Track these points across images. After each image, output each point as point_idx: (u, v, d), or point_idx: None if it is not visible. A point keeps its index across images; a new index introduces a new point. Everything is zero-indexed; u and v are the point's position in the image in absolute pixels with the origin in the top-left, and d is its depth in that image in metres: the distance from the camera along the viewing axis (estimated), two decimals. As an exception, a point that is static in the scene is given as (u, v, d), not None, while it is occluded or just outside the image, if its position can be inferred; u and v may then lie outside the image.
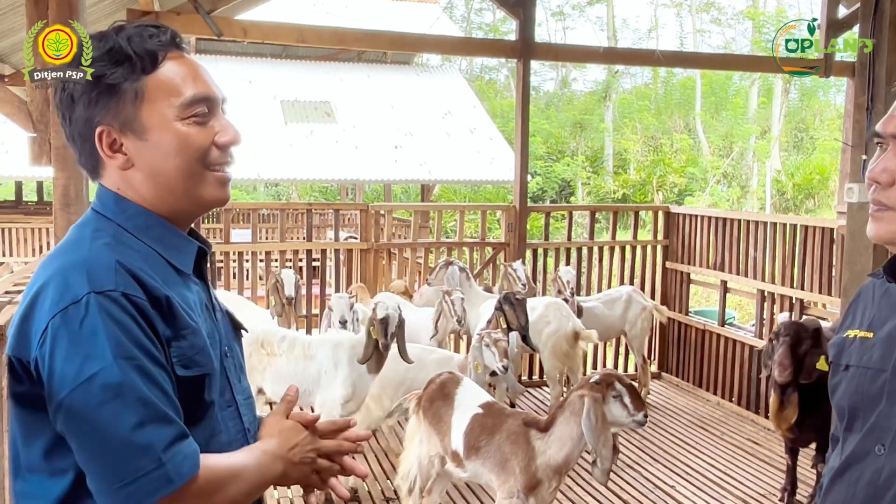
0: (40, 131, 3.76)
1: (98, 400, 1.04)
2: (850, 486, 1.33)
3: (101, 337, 1.06)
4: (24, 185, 17.22)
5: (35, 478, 1.14)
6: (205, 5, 5.40)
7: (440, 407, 3.73)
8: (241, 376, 1.33)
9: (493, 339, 4.33)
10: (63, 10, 3.61)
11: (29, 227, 12.04)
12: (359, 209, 6.80)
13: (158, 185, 1.22)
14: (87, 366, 1.05)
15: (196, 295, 1.26)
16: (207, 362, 1.20)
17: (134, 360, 1.07)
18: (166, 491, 1.06)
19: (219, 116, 1.26)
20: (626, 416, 3.22)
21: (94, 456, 1.06)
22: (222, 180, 1.26)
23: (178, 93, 1.20)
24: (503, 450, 3.42)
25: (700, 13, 31.50)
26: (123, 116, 1.19)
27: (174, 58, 1.23)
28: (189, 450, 1.10)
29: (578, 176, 25.00)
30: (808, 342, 4.18)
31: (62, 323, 1.07)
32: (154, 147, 1.20)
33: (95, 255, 1.14)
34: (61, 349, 1.06)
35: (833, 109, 27.28)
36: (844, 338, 1.43)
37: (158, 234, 1.23)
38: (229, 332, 1.35)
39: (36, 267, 3.55)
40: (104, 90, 1.19)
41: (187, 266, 1.26)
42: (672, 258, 7.24)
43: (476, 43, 15.41)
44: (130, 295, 1.10)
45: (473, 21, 32.00)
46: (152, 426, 1.06)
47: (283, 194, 25.13)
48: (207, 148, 1.23)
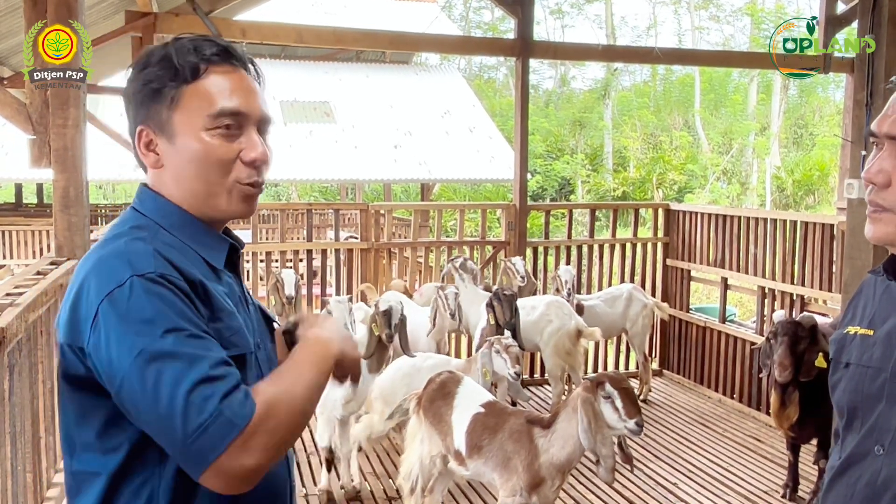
0: (40, 133, 3.76)
1: (154, 369, 1.12)
2: (850, 486, 1.33)
3: (147, 313, 1.14)
4: (24, 187, 17.23)
5: (89, 455, 1.23)
6: (203, 6, 5.40)
7: (441, 406, 3.69)
8: (271, 367, 1.38)
9: (504, 345, 4.21)
10: (61, 12, 3.61)
11: (29, 230, 12.04)
12: (359, 209, 6.80)
13: (182, 188, 1.30)
14: (139, 340, 1.12)
15: (228, 288, 1.33)
16: (244, 343, 1.27)
17: (182, 330, 1.14)
18: (233, 435, 1.11)
19: (249, 133, 1.31)
20: (617, 421, 3.11)
21: (160, 421, 1.12)
22: (247, 195, 1.32)
23: (210, 104, 1.27)
24: (505, 448, 3.40)
25: (698, 10, 31.49)
26: (160, 119, 1.28)
27: (222, 72, 1.30)
28: (242, 394, 1.15)
29: (578, 174, 25.00)
30: (806, 340, 4.18)
31: (110, 306, 1.15)
32: (180, 151, 1.29)
33: (133, 245, 1.22)
34: (114, 330, 1.14)
35: (832, 105, 27.28)
36: (845, 334, 1.42)
37: (192, 231, 1.31)
38: (261, 325, 1.42)
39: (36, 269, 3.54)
40: (149, 94, 1.28)
41: (219, 262, 1.33)
42: (672, 255, 7.24)
43: (475, 42, 15.40)
44: (169, 276, 1.18)
45: (472, 20, 31.99)
46: (204, 381, 1.12)
47: (282, 194, 25.15)
48: (230, 161, 1.29)
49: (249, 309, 1.38)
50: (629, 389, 3.18)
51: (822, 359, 4.08)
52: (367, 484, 4.74)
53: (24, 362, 2.82)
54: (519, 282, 5.96)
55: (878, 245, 1.35)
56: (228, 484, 1.14)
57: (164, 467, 1.20)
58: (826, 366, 4.06)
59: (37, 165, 3.83)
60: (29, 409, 2.92)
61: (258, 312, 1.43)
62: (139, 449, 1.20)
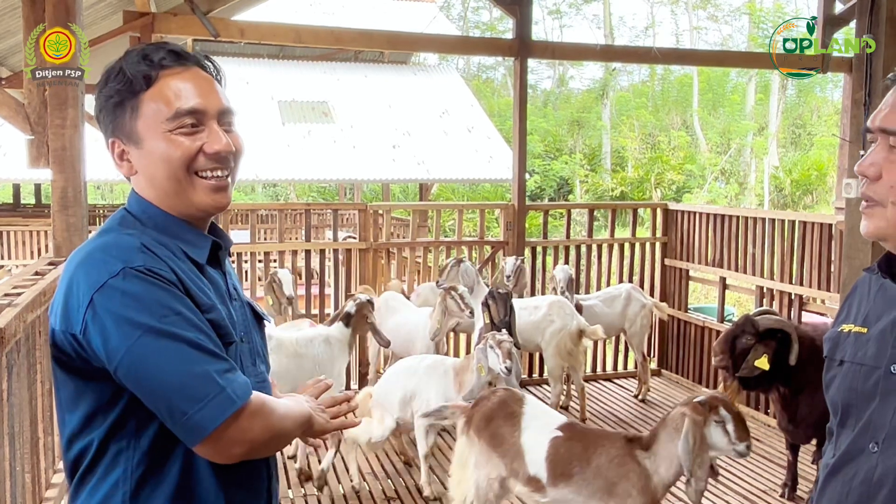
0: (38, 133, 3.76)
1: (153, 350, 1.21)
2: (845, 484, 1.34)
3: (143, 301, 1.22)
4: (23, 187, 17.22)
5: (76, 438, 1.33)
6: (201, 6, 5.39)
7: (501, 427, 3.44)
8: (256, 360, 1.48)
9: (497, 340, 4.23)
10: (60, 13, 3.61)
11: (27, 230, 12.01)
12: (357, 209, 6.79)
13: (156, 189, 1.38)
14: (135, 326, 1.21)
15: (211, 283, 1.40)
16: (227, 334, 1.35)
17: (176, 315, 1.24)
18: (231, 410, 1.23)
19: (211, 127, 1.37)
20: (727, 444, 3.08)
21: (162, 398, 1.22)
22: (213, 187, 1.39)
23: (166, 107, 1.34)
24: (607, 474, 3.22)
25: (696, 10, 31.50)
26: (126, 129, 1.37)
27: (174, 74, 1.37)
28: (241, 378, 1.28)
29: (576, 174, 25.00)
30: (751, 337, 4.20)
31: (105, 296, 1.22)
32: (147, 156, 1.36)
33: (123, 240, 1.31)
34: (110, 318, 1.22)
35: (830, 105, 27.31)
36: (839, 332, 1.42)
37: (174, 230, 1.38)
38: (248, 320, 1.49)
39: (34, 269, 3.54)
40: (112, 108, 1.37)
41: (201, 257, 1.40)
42: (671, 255, 7.25)
43: (473, 42, 15.39)
44: (157, 270, 1.26)
45: (470, 20, 31.99)
46: (205, 361, 1.23)
47: (281, 195, 25.14)
48: (192, 156, 1.35)
49: (234, 304, 1.45)
50: (740, 413, 3.16)
51: (764, 360, 4.12)
52: (366, 484, 4.74)
53: (22, 363, 2.82)
54: (504, 281, 5.96)
55: (874, 241, 1.35)
56: (220, 454, 1.26)
57: (140, 438, 1.30)
58: (767, 368, 4.12)
59: (35, 166, 3.83)
60: (27, 410, 2.92)
61: (244, 308, 1.50)
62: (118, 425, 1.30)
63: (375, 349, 6.08)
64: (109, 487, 1.31)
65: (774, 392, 4.44)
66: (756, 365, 4.13)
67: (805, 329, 4.51)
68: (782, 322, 4.40)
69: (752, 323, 4.24)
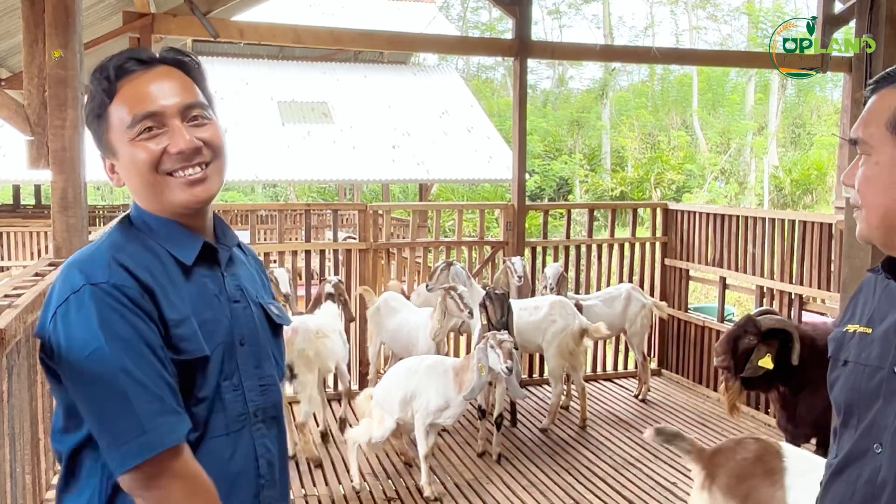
0: (38, 134, 3.75)
1: (93, 375, 1.23)
2: (849, 484, 1.33)
3: (94, 322, 1.24)
4: (22, 188, 17.21)
5: (60, 434, 1.36)
6: (201, 7, 5.39)
7: (757, 487, 2.88)
8: (263, 363, 1.46)
9: (498, 339, 4.24)
10: (59, 14, 3.60)
11: (27, 231, 12.00)
12: (357, 209, 6.79)
13: (139, 196, 1.41)
14: (84, 346, 1.24)
15: (200, 286, 1.40)
16: (195, 348, 1.33)
17: (125, 341, 1.24)
18: (147, 455, 1.23)
19: (172, 126, 1.36)
20: None
21: (93, 420, 1.26)
22: (187, 182, 1.37)
23: (126, 115, 1.36)
24: None
25: (696, 9, 31.50)
26: (105, 143, 1.40)
27: (132, 80, 1.37)
28: (174, 425, 1.26)
29: (576, 174, 25.00)
30: (753, 337, 4.19)
31: (65, 310, 1.26)
32: (124, 166, 1.39)
33: (95, 254, 1.33)
34: (62, 334, 1.26)
35: (830, 105, 27.32)
36: (844, 332, 1.43)
37: (165, 232, 1.39)
38: (255, 322, 1.47)
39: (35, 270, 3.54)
40: (91, 124, 1.41)
41: (188, 259, 1.39)
42: (671, 255, 7.24)
43: (472, 42, 15.39)
44: (120, 286, 1.27)
45: (470, 20, 31.99)
46: (139, 400, 1.23)
47: (280, 195, 25.13)
48: (157, 159, 1.36)
49: (235, 306, 1.43)
50: None
51: (768, 359, 4.11)
52: (367, 484, 4.74)
53: (22, 364, 2.81)
54: (516, 282, 5.96)
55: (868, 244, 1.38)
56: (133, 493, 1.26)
57: None
58: (771, 367, 4.11)
59: (35, 166, 3.82)
60: (28, 411, 2.92)
61: (251, 310, 1.47)
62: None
63: (376, 349, 6.08)
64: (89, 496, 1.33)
65: (774, 392, 4.44)
66: (760, 365, 4.13)
67: (805, 329, 4.51)
68: (784, 322, 4.40)
69: (754, 323, 4.24)
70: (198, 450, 1.34)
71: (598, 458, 5.20)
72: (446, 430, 5.51)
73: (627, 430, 5.77)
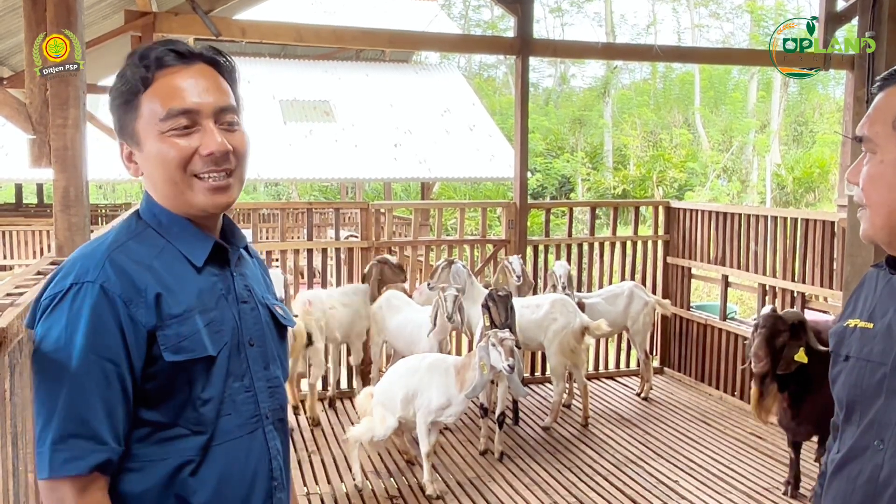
0: (40, 133, 3.75)
1: (45, 377, 1.26)
2: (850, 481, 1.33)
3: (68, 322, 1.25)
4: (24, 187, 17.22)
5: None
6: (203, 6, 5.39)
7: None
8: (270, 364, 1.44)
9: (500, 338, 4.24)
10: (61, 12, 3.60)
11: (30, 230, 12.02)
12: (359, 208, 6.78)
13: (158, 191, 1.38)
14: (51, 345, 1.26)
15: (211, 285, 1.38)
16: (197, 348, 1.31)
17: (92, 355, 1.24)
18: (42, 476, 1.25)
19: (206, 127, 1.34)
20: None
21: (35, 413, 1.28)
22: (211, 188, 1.35)
23: (160, 108, 1.33)
24: None
25: (698, 7, 31.46)
26: (130, 131, 1.36)
27: (170, 73, 1.35)
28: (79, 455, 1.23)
29: (578, 172, 24.98)
30: (786, 334, 4.18)
31: (50, 306, 1.28)
32: (148, 158, 1.36)
33: (93, 252, 1.32)
34: (43, 326, 1.28)
35: (832, 102, 27.26)
36: (845, 327, 1.42)
37: (177, 230, 1.38)
38: (263, 323, 1.45)
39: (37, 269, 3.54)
40: (117, 109, 1.38)
41: (199, 259, 1.38)
42: (673, 253, 7.24)
43: (474, 40, 15.36)
44: (107, 287, 1.26)
45: (471, 18, 32.00)
46: (57, 420, 1.23)
47: (282, 194, 25.13)
48: (187, 158, 1.33)
49: (244, 307, 1.42)
50: None
51: (802, 353, 4.10)
52: (369, 482, 4.74)
53: (25, 362, 2.81)
54: (515, 281, 5.96)
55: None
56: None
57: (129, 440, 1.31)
58: (806, 360, 4.09)
59: (37, 165, 3.82)
60: (30, 410, 2.92)
61: (259, 311, 1.45)
62: None
63: (378, 348, 6.08)
64: None
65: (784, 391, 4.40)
66: (795, 359, 4.11)
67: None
68: (800, 315, 4.40)
69: (782, 320, 4.23)
70: (214, 453, 1.33)
71: (600, 457, 5.20)
72: (448, 428, 5.51)
73: (630, 428, 5.77)
